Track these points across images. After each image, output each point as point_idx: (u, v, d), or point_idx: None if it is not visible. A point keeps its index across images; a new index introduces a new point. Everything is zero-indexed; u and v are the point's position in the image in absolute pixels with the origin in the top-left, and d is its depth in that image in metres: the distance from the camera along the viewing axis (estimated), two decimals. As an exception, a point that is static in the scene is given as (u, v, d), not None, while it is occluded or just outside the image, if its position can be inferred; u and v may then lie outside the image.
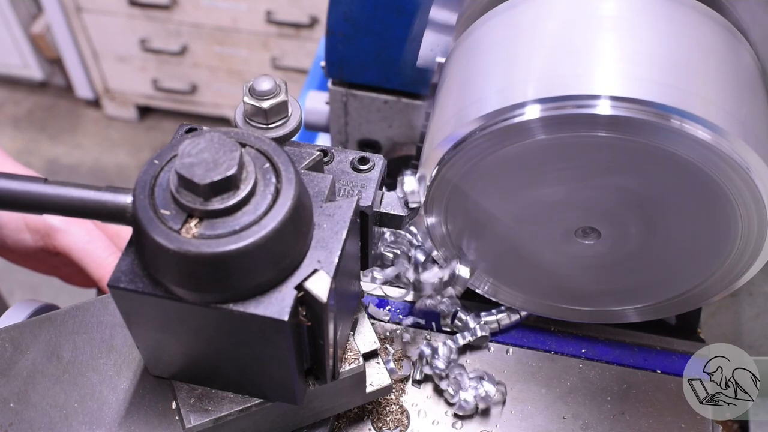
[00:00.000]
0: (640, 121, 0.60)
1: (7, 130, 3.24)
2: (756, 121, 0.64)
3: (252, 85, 0.64)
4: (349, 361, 0.65)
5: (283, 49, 2.80)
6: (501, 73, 0.67)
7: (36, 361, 0.67)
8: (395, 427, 0.73)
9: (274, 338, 0.55)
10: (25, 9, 3.04)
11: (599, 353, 0.80)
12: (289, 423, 0.67)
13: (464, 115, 0.66)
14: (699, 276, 0.72)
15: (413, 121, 1.01)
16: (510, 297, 0.80)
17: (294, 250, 0.54)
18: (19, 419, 0.64)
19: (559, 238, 0.71)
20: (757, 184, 0.62)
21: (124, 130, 3.27)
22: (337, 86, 1.02)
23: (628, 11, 0.66)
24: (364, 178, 0.69)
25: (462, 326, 0.79)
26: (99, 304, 0.70)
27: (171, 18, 2.81)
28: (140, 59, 2.98)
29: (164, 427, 0.64)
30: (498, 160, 0.66)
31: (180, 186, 0.52)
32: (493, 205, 0.70)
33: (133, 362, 0.67)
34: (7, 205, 0.54)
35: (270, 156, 0.55)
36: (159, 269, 0.53)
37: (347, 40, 0.96)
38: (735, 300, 1.01)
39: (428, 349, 0.76)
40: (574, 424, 0.74)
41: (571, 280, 0.76)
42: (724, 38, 0.68)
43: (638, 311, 0.78)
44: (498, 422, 0.74)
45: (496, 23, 0.71)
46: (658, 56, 0.63)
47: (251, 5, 2.69)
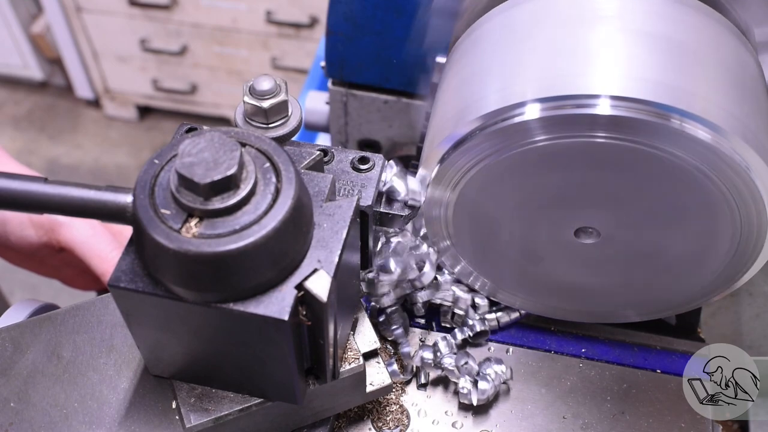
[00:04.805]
0: (640, 120, 0.60)
1: (7, 130, 3.24)
2: (756, 121, 0.64)
3: (252, 84, 0.64)
4: (349, 360, 0.65)
5: (283, 49, 2.80)
6: (501, 72, 0.67)
7: (36, 361, 0.67)
8: (395, 426, 0.73)
9: (274, 338, 0.55)
10: (25, 9, 3.04)
11: (599, 353, 0.80)
12: (289, 422, 0.67)
13: (464, 114, 0.66)
14: (699, 276, 0.72)
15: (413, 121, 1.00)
16: (510, 297, 0.80)
17: (294, 249, 0.54)
18: (19, 419, 0.64)
19: (559, 238, 0.71)
20: (757, 184, 0.62)
21: (124, 130, 3.27)
22: (337, 86, 1.02)
23: (628, 11, 0.66)
24: (364, 177, 0.69)
25: (461, 322, 0.80)
26: (99, 304, 0.70)
27: (171, 18, 2.81)
28: (140, 59, 2.99)
29: (164, 426, 0.64)
30: (498, 159, 0.66)
31: (180, 185, 0.52)
32: (492, 205, 0.70)
33: (133, 362, 0.67)
34: (8, 205, 0.54)
35: (270, 155, 0.55)
36: (159, 269, 0.53)
37: (347, 40, 0.96)
38: (735, 300, 1.01)
39: (429, 353, 0.76)
40: (574, 423, 0.74)
41: (571, 280, 0.76)
42: (724, 38, 0.68)
43: (638, 311, 0.78)
44: (498, 422, 0.74)
45: (496, 23, 0.71)
46: (658, 56, 0.63)
47: (251, 5, 2.69)
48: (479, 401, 0.73)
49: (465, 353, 0.76)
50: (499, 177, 0.67)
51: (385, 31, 0.93)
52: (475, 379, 0.74)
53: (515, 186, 0.69)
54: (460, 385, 0.74)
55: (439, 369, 0.75)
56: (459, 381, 0.74)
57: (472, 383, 0.74)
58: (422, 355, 0.76)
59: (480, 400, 0.73)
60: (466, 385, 0.74)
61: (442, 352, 0.76)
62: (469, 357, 0.75)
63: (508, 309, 0.81)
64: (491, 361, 0.75)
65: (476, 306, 0.80)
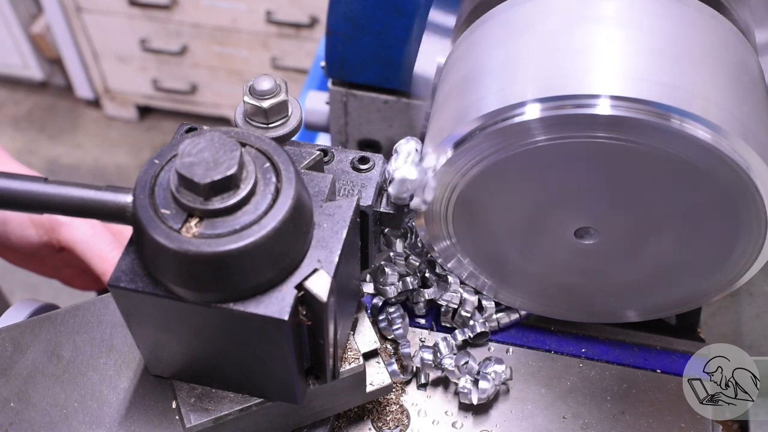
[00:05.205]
0: (640, 120, 0.60)
1: (7, 130, 3.24)
2: (756, 121, 0.64)
3: (252, 84, 0.64)
4: (349, 360, 0.65)
5: (283, 49, 2.80)
6: (501, 72, 0.67)
7: (36, 361, 0.67)
8: (395, 426, 0.73)
9: (275, 338, 0.55)
10: (25, 9, 3.04)
11: (599, 353, 0.80)
12: (289, 422, 0.67)
13: (464, 114, 0.66)
14: (699, 276, 0.72)
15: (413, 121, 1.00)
16: (510, 297, 0.80)
17: (294, 249, 0.54)
18: (19, 419, 0.64)
19: (559, 238, 0.72)
20: (757, 184, 0.62)
21: (124, 130, 3.27)
22: (337, 86, 1.02)
23: (627, 10, 0.66)
24: (364, 177, 0.69)
25: (462, 322, 0.80)
26: (99, 304, 0.70)
27: (171, 18, 2.81)
28: (140, 59, 2.98)
29: (164, 426, 0.64)
30: (498, 159, 0.66)
31: (180, 185, 0.52)
32: (492, 205, 0.70)
33: (133, 362, 0.67)
34: (8, 205, 0.54)
35: (270, 155, 0.55)
36: (159, 269, 0.53)
37: (347, 40, 0.96)
38: (735, 300, 1.01)
39: (429, 354, 0.76)
40: (574, 423, 0.74)
41: (571, 280, 0.76)
42: (724, 37, 0.68)
43: (638, 311, 0.78)
44: (498, 422, 0.74)
45: (496, 23, 0.71)
46: (658, 56, 0.63)
47: (251, 5, 2.69)
48: (479, 400, 0.73)
49: (465, 353, 0.76)
50: (499, 177, 0.67)
51: (385, 31, 0.93)
52: (476, 379, 0.74)
53: (515, 186, 0.69)
54: (460, 384, 0.74)
55: (439, 370, 0.75)
56: (459, 381, 0.74)
57: (472, 383, 0.74)
58: (422, 355, 0.76)
59: (480, 399, 0.73)
60: (467, 384, 0.74)
61: (442, 353, 0.76)
62: (469, 357, 0.75)
63: (508, 310, 0.81)
64: (491, 360, 0.75)
65: (483, 308, 0.80)
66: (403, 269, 0.79)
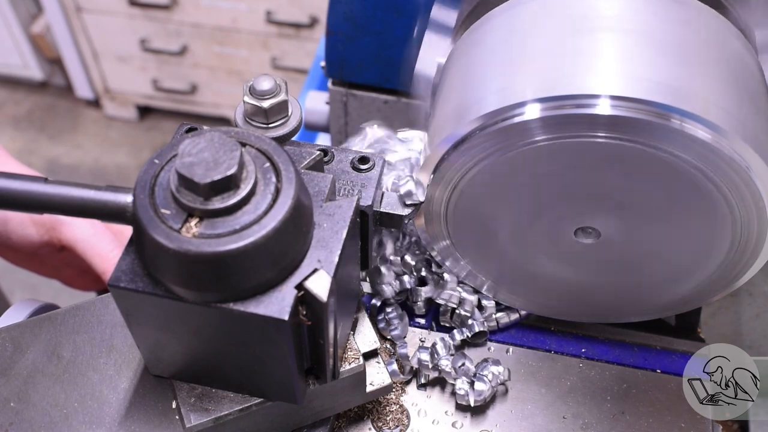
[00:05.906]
0: (640, 120, 0.60)
1: (7, 130, 3.24)
2: (756, 120, 0.64)
3: (252, 84, 0.64)
4: (349, 360, 0.65)
5: (283, 49, 2.80)
6: (501, 72, 0.67)
7: (36, 361, 0.67)
8: (395, 426, 0.73)
9: (275, 338, 0.55)
10: (25, 9, 3.04)
11: (599, 353, 0.80)
12: (289, 422, 0.67)
13: (464, 114, 0.66)
14: (699, 276, 0.72)
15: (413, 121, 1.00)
16: (509, 297, 0.80)
17: (294, 249, 0.54)
18: (19, 419, 0.64)
19: (559, 238, 0.72)
20: (757, 184, 0.62)
21: (124, 130, 3.27)
22: (337, 86, 1.02)
23: (627, 10, 0.66)
24: (364, 177, 0.69)
25: (460, 322, 0.80)
26: (99, 304, 0.70)
27: (171, 18, 2.81)
28: (140, 59, 2.98)
29: (164, 426, 0.64)
30: (498, 159, 0.66)
31: (180, 185, 0.52)
32: (492, 205, 0.70)
33: (133, 362, 0.67)
34: (8, 205, 0.54)
35: (270, 155, 0.55)
36: (159, 268, 0.53)
37: (347, 40, 0.96)
38: (735, 300, 1.01)
39: (426, 355, 0.76)
40: (574, 423, 0.74)
41: (571, 280, 0.76)
42: (724, 37, 0.68)
43: (638, 311, 0.78)
44: (498, 422, 0.74)
45: (496, 23, 0.71)
46: (658, 55, 0.63)
47: (251, 5, 2.69)
48: (476, 402, 0.73)
49: (462, 354, 0.76)
50: (499, 177, 0.67)
51: (385, 31, 0.93)
52: (472, 380, 0.74)
53: (515, 186, 0.69)
54: (457, 386, 0.74)
55: (436, 371, 0.75)
56: (456, 382, 0.74)
57: (469, 384, 0.74)
58: (419, 356, 0.76)
59: (477, 401, 0.73)
60: (463, 386, 0.74)
61: (440, 354, 0.76)
62: (466, 358, 0.75)
63: (508, 310, 0.81)
64: (489, 362, 0.75)
65: (483, 308, 0.80)
66: (399, 269, 0.79)
